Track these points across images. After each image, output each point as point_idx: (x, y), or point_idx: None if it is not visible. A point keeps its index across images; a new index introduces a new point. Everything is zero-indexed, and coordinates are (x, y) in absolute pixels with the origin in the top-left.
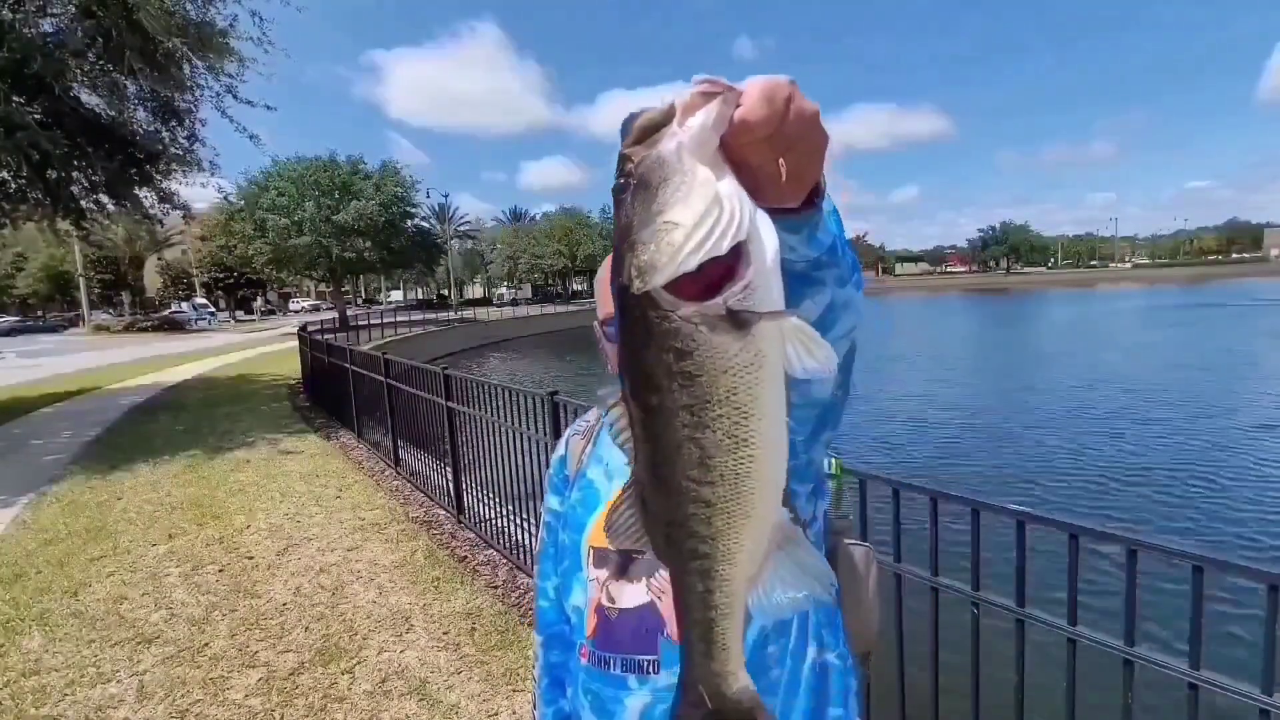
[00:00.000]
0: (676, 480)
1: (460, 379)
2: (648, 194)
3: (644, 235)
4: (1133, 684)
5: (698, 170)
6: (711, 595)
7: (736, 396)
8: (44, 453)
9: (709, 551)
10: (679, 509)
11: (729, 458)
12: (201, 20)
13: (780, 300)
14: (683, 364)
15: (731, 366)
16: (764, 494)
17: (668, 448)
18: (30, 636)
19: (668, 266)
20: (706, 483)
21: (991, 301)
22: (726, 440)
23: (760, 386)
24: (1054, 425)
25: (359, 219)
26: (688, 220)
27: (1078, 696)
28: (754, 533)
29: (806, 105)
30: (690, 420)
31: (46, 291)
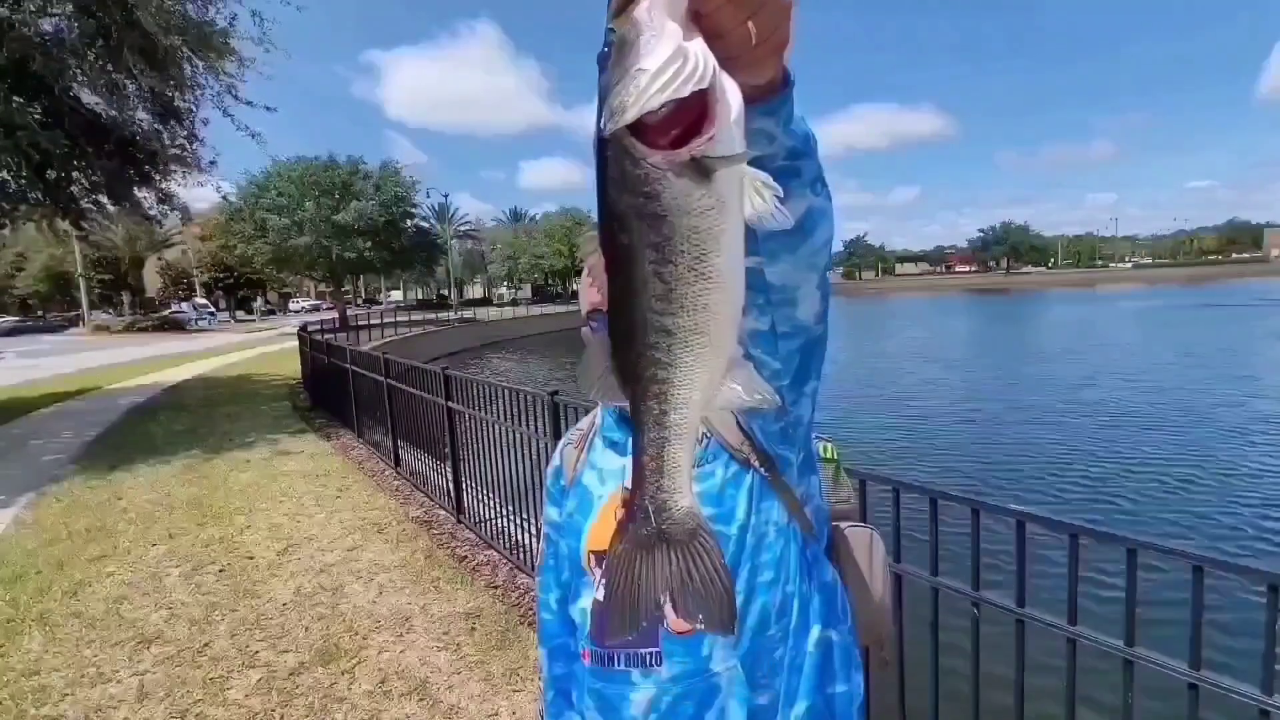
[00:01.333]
0: (641, 312)
1: (460, 379)
2: (622, 51)
3: (616, 83)
4: (1133, 684)
5: (665, 25)
6: (666, 416)
7: (698, 235)
8: (44, 453)
9: (667, 376)
10: (642, 338)
11: (689, 289)
12: (202, 20)
13: (736, 145)
14: (651, 205)
15: (695, 208)
16: (720, 326)
17: (635, 282)
18: (30, 636)
19: (634, 105)
20: (669, 313)
21: (992, 301)
22: (688, 274)
23: (720, 227)
24: (1054, 425)
25: (359, 219)
26: (652, 65)
27: (1078, 696)
28: (709, 361)
29: None
30: (656, 256)
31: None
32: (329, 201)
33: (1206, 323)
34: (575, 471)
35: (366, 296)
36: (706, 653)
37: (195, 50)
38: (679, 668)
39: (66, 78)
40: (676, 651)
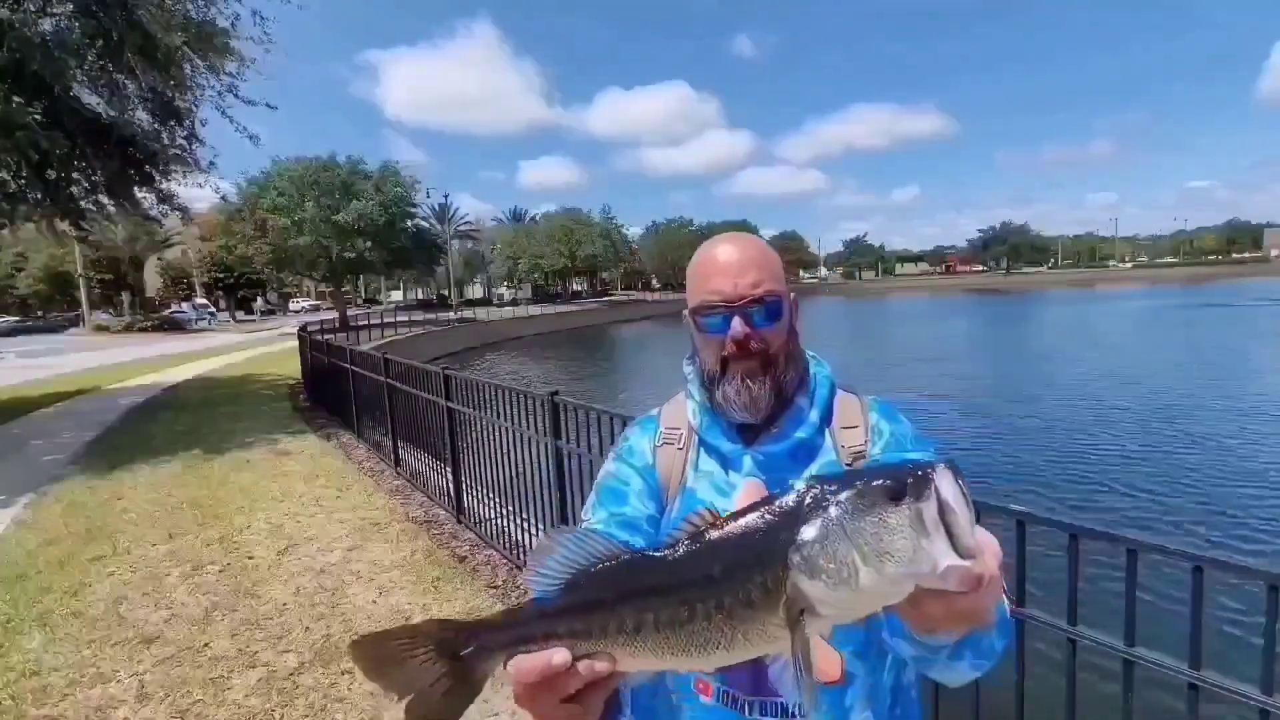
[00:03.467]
0: (648, 601)
1: (460, 379)
2: (888, 532)
3: (843, 536)
4: (1133, 684)
5: (910, 585)
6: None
7: (740, 636)
8: (44, 453)
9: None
10: (620, 607)
11: (684, 640)
12: (202, 19)
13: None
14: (753, 592)
15: (764, 624)
16: (660, 666)
17: (674, 588)
18: (30, 636)
19: (818, 589)
20: (656, 630)
21: (992, 301)
22: (698, 638)
23: (751, 646)
24: (1054, 425)
25: (359, 219)
26: (863, 592)
27: (1078, 696)
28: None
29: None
30: (708, 607)
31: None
32: (329, 201)
33: (1207, 323)
34: (683, 477)
35: (366, 297)
36: (849, 704)
37: (195, 50)
38: (824, 718)
39: (66, 78)
40: (823, 702)
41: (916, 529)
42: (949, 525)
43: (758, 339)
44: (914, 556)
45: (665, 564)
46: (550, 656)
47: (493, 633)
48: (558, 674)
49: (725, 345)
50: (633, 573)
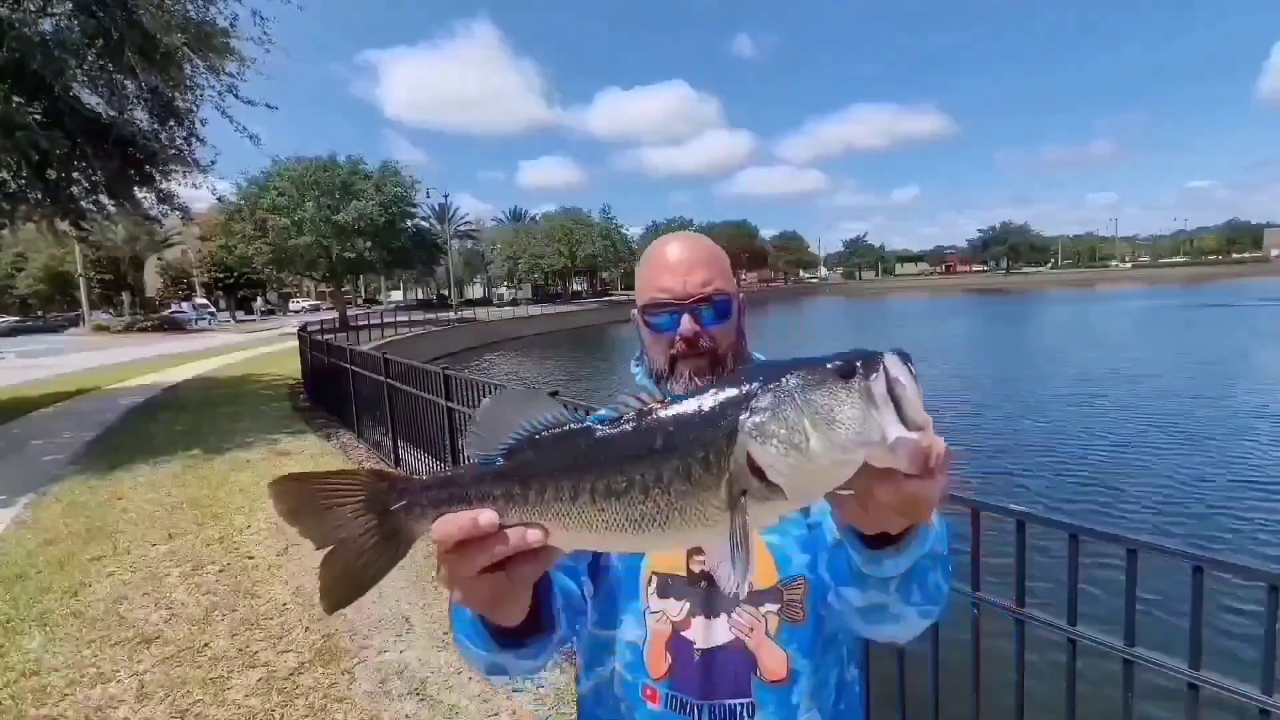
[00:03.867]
0: (586, 468)
1: (460, 379)
2: (839, 402)
3: (795, 405)
4: (1133, 684)
5: (859, 457)
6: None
7: (677, 514)
8: (44, 453)
9: (530, 501)
10: (558, 472)
11: (620, 513)
12: (202, 19)
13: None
14: (694, 466)
15: (703, 503)
16: (594, 542)
17: (614, 457)
18: (30, 636)
19: (770, 454)
20: (593, 501)
21: (992, 301)
22: (635, 511)
23: (688, 528)
24: (1054, 425)
25: (359, 219)
26: (813, 460)
27: (1078, 696)
28: (559, 533)
29: (901, 520)
30: (646, 479)
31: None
32: (329, 201)
33: (1208, 323)
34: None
35: (366, 296)
36: (796, 701)
37: (195, 50)
38: (772, 718)
39: (66, 77)
40: (770, 702)
41: (866, 401)
42: (897, 400)
43: (706, 337)
44: (864, 425)
45: (610, 435)
46: (476, 515)
47: (425, 490)
48: (483, 535)
49: (674, 343)
50: (575, 441)
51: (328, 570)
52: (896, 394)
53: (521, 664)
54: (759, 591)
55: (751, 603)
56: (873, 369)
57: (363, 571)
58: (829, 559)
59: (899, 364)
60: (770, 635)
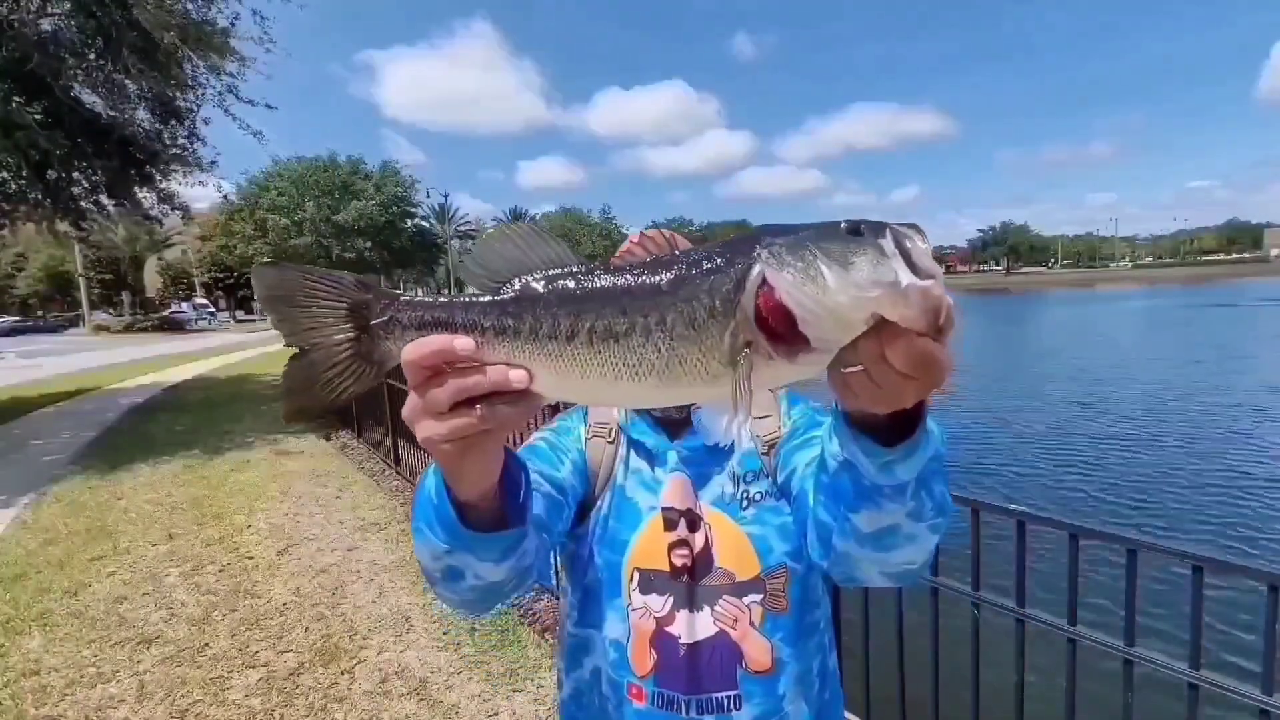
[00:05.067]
0: (586, 306)
1: None
2: (849, 254)
3: (811, 249)
4: (1133, 684)
5: (873, 304)
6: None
7: (676, 363)
8: (44, 453)
9: (521, 335)
10: (555, 308)
11: (616, 356)
12: (202, 19)
13: (762, 396)
14: (700, 310)
15: (704, 354)
16: (582, 390)
17: (617, 297)
18: (30, 636)
19: (787, 281)
20: (589, 341)
21: (992, 302)
22: (632, 356)
23: (684, 381)
24: (1055, 425)
25: (359, 219)
26: (829, 299)
27: (1078, 696)
28: (546, 376)
29: (914, 393)
30: (648, 322)
31: (46, 292)
32: (329, 201)
33: (1209, 324)
34: (612, 473)
35: None
36: (782, 691)
37: (195, 50)
38: (759, 709)
39: (66, 77)
40: (757, 692)
41: (877, 250)
42: (907, 252)
43: None
44: (878, 268)
45: (616, 276)
46: (452, 339)
47: (409, 308)
48: (459, 363)
49: None
50: (578, 279)
51: (295, 372)
52: (906, 247)
53: (482, 565)
54: (742, 582)
55: (735, 594)
56: (880, 228)
57: (331, 383)
58: (829, 487)
59: (906, 226)
60: (755, 626)
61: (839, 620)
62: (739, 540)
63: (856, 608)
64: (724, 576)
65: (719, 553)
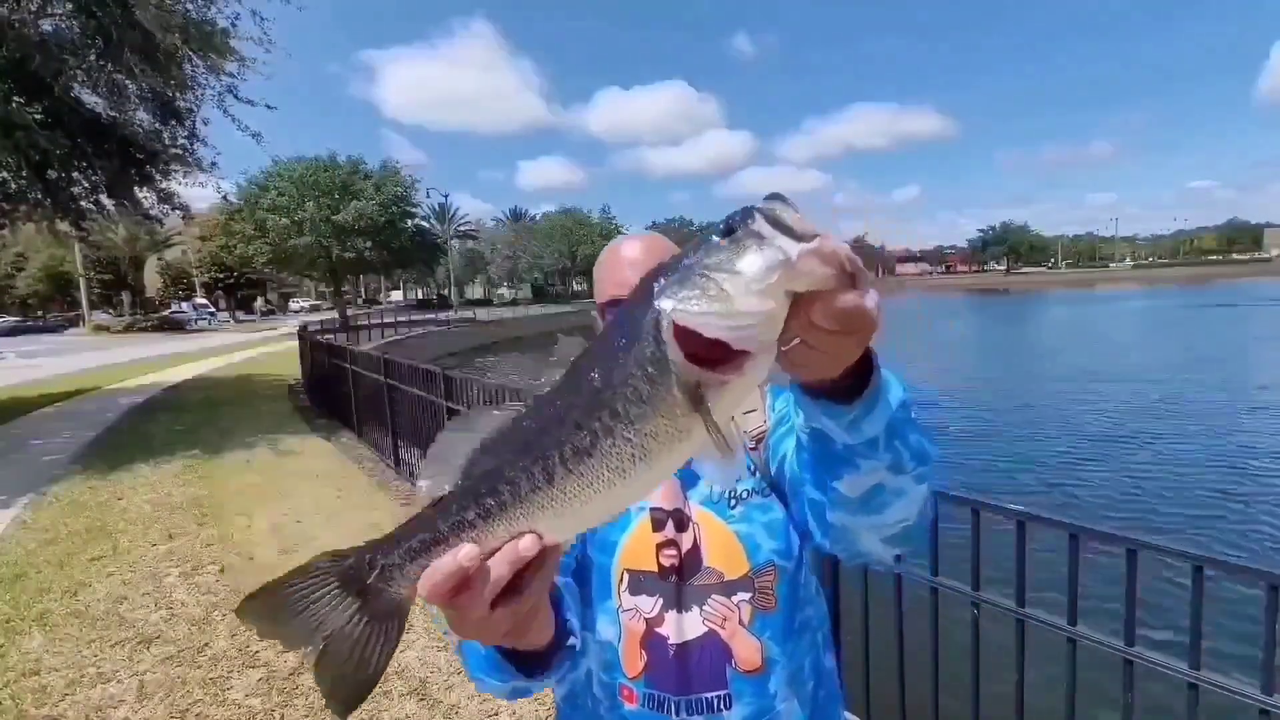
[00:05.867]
0: (546, 443)
1: (460, 379)
2: (735, 255)
3: (700, 276)
4: (1133, 684)
5: (772, 287)
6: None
7: (651, 440)
8: (44, 453)
9: (506, 504)
10: (520, 461)
11: (596, 469)
12: (202, 19)
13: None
14: (638, 384)
15: (668, 417)
16: (587, 511)
17: (566, 419)
18: (30, 636)
19: (692, 314)
20: (566, 470)
21: (992, 302)
22: (608, 457)
23: (668, 449)
24: (1055, 425)
25: (359, 219)
26: (736, 306)
27: (1078, 696)
28: (551, 524)
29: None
30: (606, 422)
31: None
32: (329, 201)
33: (1211, 324)
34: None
35: (366, 297)
36: (774, 690)
37: (195, 50)
38: (750, 708)
39: (66, 78)
40: (746, 692)
41: (756, 239)
42: (784, 225)
43: None
44: (764, 254)
45: (548, 398)
46: (454, 555)
47: (391, 547)
48: (472, 573)
49: None
50: (520, 424)
51: (325, 672)
52: (782, 221)
53: (548, 680)
54: (731, 581)
55: (723, 593)
56: (748, 215)
57: (365, 660)
58: (810, 462)
59: (771, 202)
60: (744, 625)
61: (839, 619)
62: (727, 539)
63: (856, 608)
64: (712, 576)
65: (707, 552)
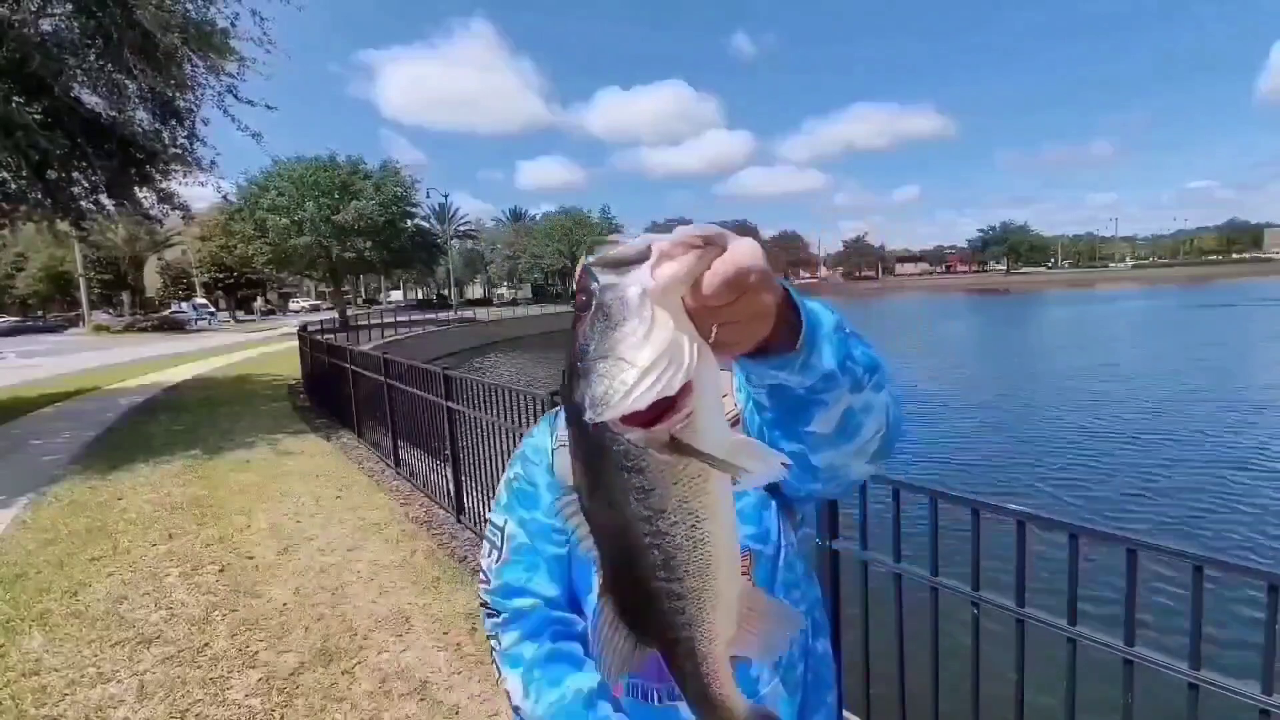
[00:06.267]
0: (646, 581)
1: (460, 379)
2: (608, 325)
3: (599, 367)
4: (1133, 684)
5: (657, 317)
6: (700, 668)
7: (689, 504)
8: (44, 453)
9: (690, 635)
10: (655, 605)
11: (690, 555)
12: (201, 19)
13: (718, 423)
14: (636, 480)
15: (680, 478)
16: (725, 577)
17: (633, 552)
18: (30, 636)
19: (620, 404)
20: (675, 579)
21: (992, 302)
22: (686, 541)
23: (709, 493)
24: (1055, 425)
25: (359, 219)
26: (642, 363)
27: (1078, 696)
28: (723, 609)
29: (762, 300)
30: (650, 529)
31: (46, 291)
32: (329, 201)
33: (1209, 323)
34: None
35: (366, 297)
36: (755, 675)
37: (195, 50)
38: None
39: (66, 77)
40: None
41: (616, 296)
42: (622, 264)
43: None
44: (630, 305)
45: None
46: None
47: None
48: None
49: None
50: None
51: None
52: (615, 259)
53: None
54: None
55: None
56: (586, 279)
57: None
58: (777, 421)
59: (595, 257)
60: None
61: (839, 619)
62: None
63: (857, 608)
64: None
65: None
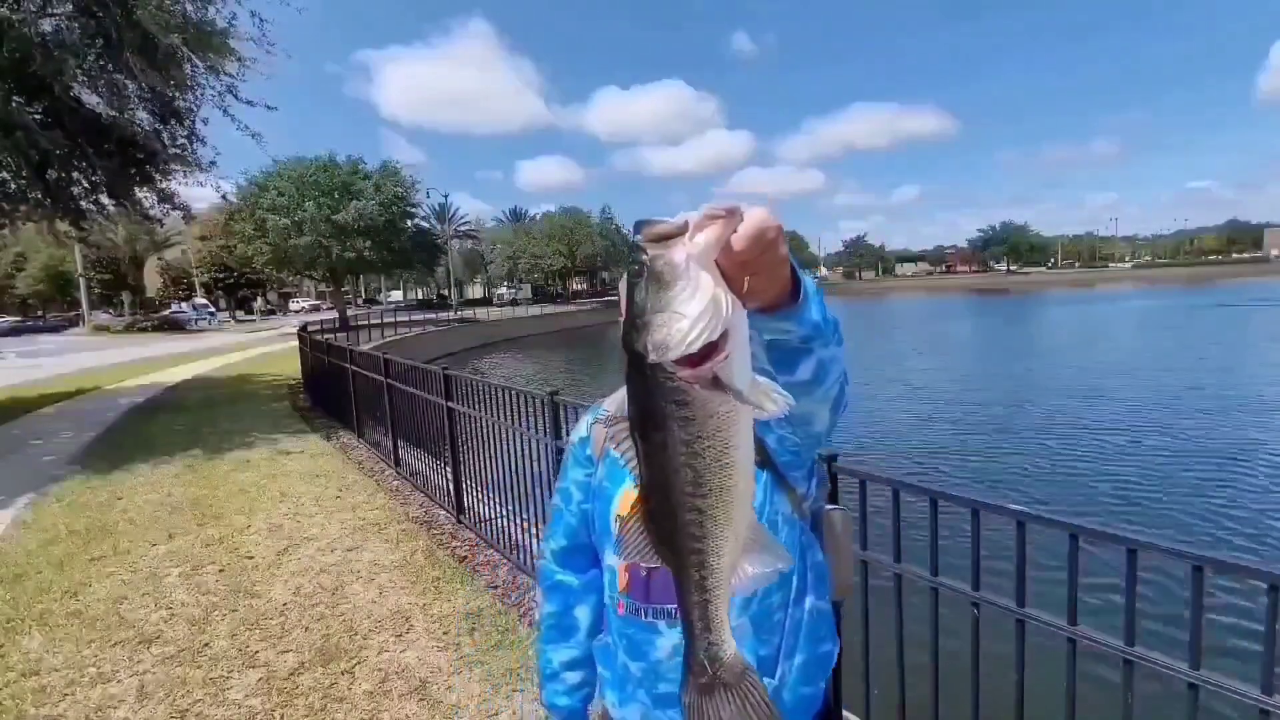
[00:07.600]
0: (677, 495)
1: (460, 379)
2: (660, 287)
3: (658, 320)
4: (1133, 684)
5: (700, 277)
6: (705, 581)
7: (722, 433)
8: (44, 453)
9: (702, 548)
10: (679, 516)
11: (716, 476)
12: (201, 19)
13: (747, 365)
14: (682, 411)
15: (716, 412)
16: (742, 501)
17: (670, 470)
18: (30, 636)
19: (678, 347)
20: (700, 495)
21: (992, 302)
22: (714, 464)
23: (736, 425)
24: (1055, 425)
25: (359, 219)
26: (692, 314)
27: (1078, 696)
28: (735, 530)
29: (781, 250)
30: (686, 450)
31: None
32: (329, 201)
33: (1209, 323)
34: (604, 448)
35: (366, 296)
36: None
37: (195, 50)
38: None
39: (66, 78)
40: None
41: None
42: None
43: None
44: (675, 265)
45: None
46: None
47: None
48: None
49: None
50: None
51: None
52: (661, 233)
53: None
54: None
55: None
56: (635, 254)
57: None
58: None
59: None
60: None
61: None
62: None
63: (857, 608)
64: None
65: None
